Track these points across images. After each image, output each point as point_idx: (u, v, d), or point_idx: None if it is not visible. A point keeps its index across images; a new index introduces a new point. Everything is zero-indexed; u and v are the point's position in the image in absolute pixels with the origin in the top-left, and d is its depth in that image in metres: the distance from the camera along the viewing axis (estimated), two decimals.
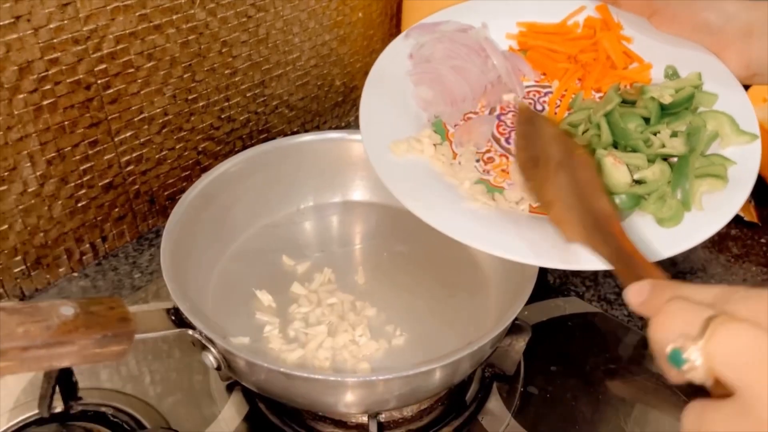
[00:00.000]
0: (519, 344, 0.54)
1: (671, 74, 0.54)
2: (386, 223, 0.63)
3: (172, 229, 0.51)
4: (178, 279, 0.48)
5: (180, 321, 0.45)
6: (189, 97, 0.69)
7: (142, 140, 0.67)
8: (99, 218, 0.67)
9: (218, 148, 0.75)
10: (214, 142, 0.75)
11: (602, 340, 0.63)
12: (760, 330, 0.24)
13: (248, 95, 0.75)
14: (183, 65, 0.67)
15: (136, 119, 0.66)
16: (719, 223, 0.44)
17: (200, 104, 0.71)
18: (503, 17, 0.58)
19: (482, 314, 0.56)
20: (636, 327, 0.64)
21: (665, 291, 0.30)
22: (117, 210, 0.69)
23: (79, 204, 0.65)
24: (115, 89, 0.62)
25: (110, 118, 0.63)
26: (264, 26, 0.73)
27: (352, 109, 0.92)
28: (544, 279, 0.68)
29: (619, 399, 0.57)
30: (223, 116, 0.74)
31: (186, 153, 0.72)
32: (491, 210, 0.46)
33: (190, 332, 0.44)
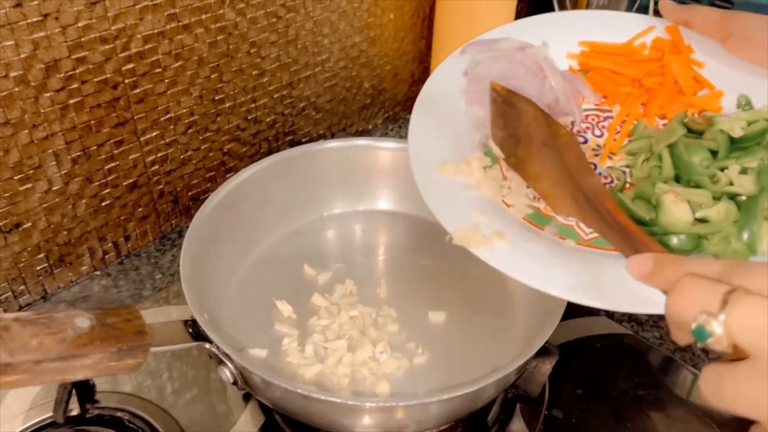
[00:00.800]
0: (545, 367, 0.52)
1: (744, 104, 0.50)
2: (412, 235, 0.62)
3: (194, 236, 0.51)
4: (198, 288, 0.47)
5: (197, 333, 0.44)
6: (216, 98, 0.68)
7: (168, 140, 0.67)
8: (122, 218, 0.67)
9: (244, 150, 0.75)
10: (240, 144, 0.74)
11: (632, 363, 0.61)
12: None
13: (275, 96, 0.74)
14: (211, 65, 0.66)
15: (162, 119, 0.65)
16: None
17: (227, 105, 0.70)
18: (565, 35, 0.55)
19: (507, 334, 0.54)
20: (668, 350, 0.62)
21: (670, 264, 0.32)
22: (141, 210, 0.68)
23: (103, 203, 0.64)
24: (142, 89, 0.62)
25: (136, 118, 0.63)
26: (294, 27, 0.72)
27: (380, 112, 0.90)
28: None
29: (648, 427, 0.55)
30: (250, 117, 0.73)
31: (211, 154, 0.72)
32: (539, 241, 0.44)
33: (207, 346, 0.43)
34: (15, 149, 0.56)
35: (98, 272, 0.67)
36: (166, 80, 0.63)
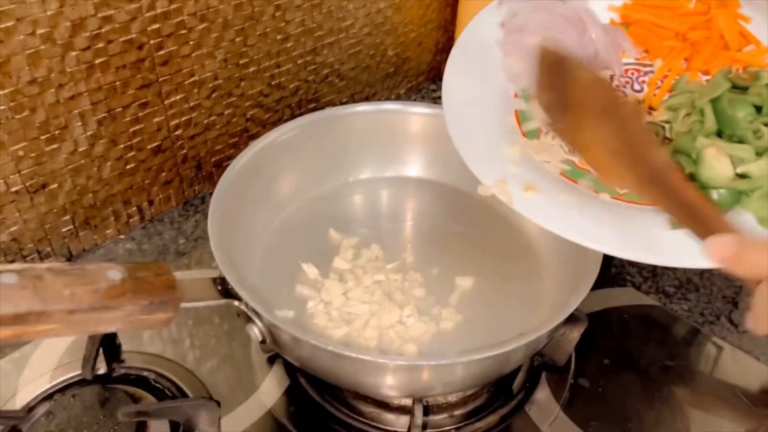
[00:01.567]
0: (573, 335, 0.51)
1: None
2: (440, 202, 0.61)
3: (221, 197, 0.50)
4: (225, 248, 0.47)
5: (226, 291, 0.43)
6: (240, 62, 0.68)
7: (192, 104, 0.66)
8: (147, 182, 0.67)
9: (266, 116, 0.74)
10: (263, 110, 0.73)
11: (659, 335, 0.60)
12: None
13: (299, 62, 0.73)
14: (235, 28, 0.65)
15: (187, 82, 0.64)
16: None
17: (251, 69, 0.69)
18: None
19: (535, 300, 0.53)
20: (696, 323, 0.61)
21: (760, 250, 0.31)
22: (164, 174, 0.68)
23: (128, 166, 0.64)
24: (167, 50, 0.61)
25: (161, 80, 0.62)
26: None
27: (403, 82, 0.89)
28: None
29: (677, 399, 0.54)
30: (273, 83, 0.72)
31: (234, 119, 0.71)
32: (574, 194, 0.43)
33: (236, 304, 0.43)
34: (41, 108, 0.55)
35: (122, 236, 0.68)
36: (191, 42, 0.63)
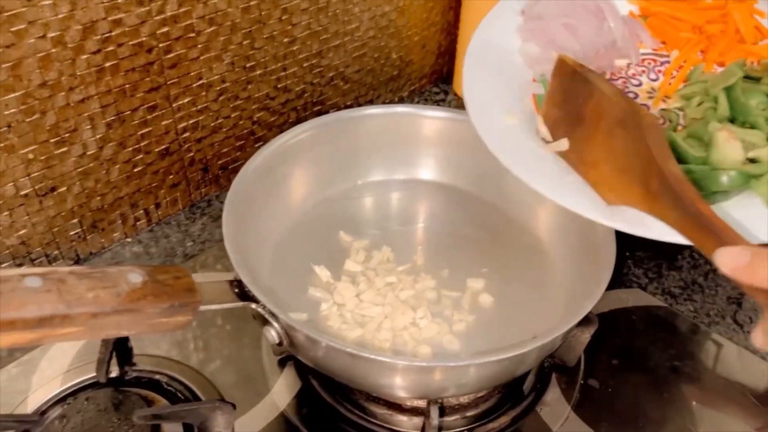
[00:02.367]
0: (584, 336, 0.52)
1: None
2: (451, 204, 0.61)
3: (234, 200, 0.50)
4: (240, 251, 0.47)
5: (243, 294, 0.43)
6: (247, 65, 0.68)
7: (199, 107, 0.66)
8: (154, 184, 0.67)
9: (273, 119, 0.74)
10: (269, 113, 0.73)
11: (666, 336, 0.60)
12: None
13: (305, 65, 0.73)
14: (243, 31, 0.65)
15: (195, 85, 0.64)
16: None
17: (258, 72, 0.69)
18: None
19: (547, 303, 0.54)
20: (702, 323, 0.61)
21: None
22: (171, 177, 0.68)
23: (136, 169, 0.64)
24: (176, 53, 0.61)
25: (169, 83, 0.62)
26: None
27: (406, 84, 0.89)
28: None
29: (685, 398, 0.55)
30: (280, 86, 0.72)
31: (241, 122, 0.71)
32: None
33: (253, 306, 0.43)
34: (51, 111, 0.55)
35: (129, 239, 0.67)
36: (199, 45, 0.63)
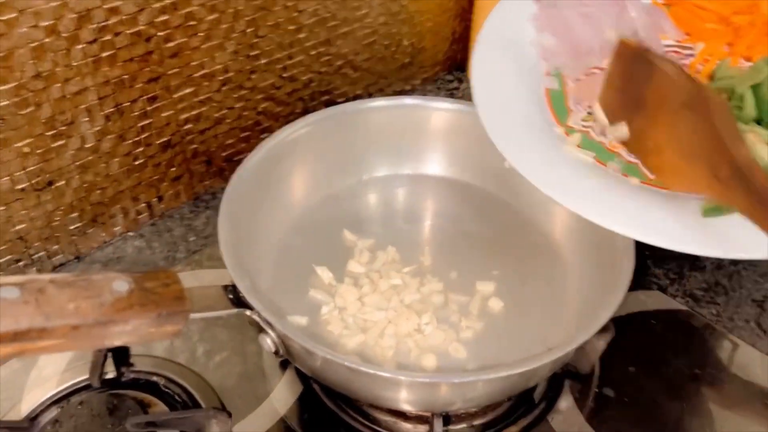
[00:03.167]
0: (599, 344, 0.49)
1: None
2: (460, 202, 0.59)
3: (231, 198, 0.48)
4: (237, 253, 0.45)
5: (238, 300, 0.41)
6: (251, 54, 0.65)
7: (202, 98, 0.64)
8: (155, 177, 0.65)
9: (279, 109, 0.72)
10: (275, 103, 0.71)
11: (687, 341, 0.57)
12: None
13: (312, 54, 0.71)
14: (246, 19, 0.63)
15: (196, 75, 0.62)
16: None
17: (262, 62, 0.67)
18: None
19: (561, 307, 0.51)
20: (725, 328, 0.58)
21: None
22: (174, 170, 0.66)
23: (136, 162, 0.62)
24: (176, 43, 0.59)
25: (170, 73, 0.60)
26: None
27: (419, 72, 0.86)
28: None
29: (706, 408, 0.52)
30: (285, 75, 0.70)
31: (245, 113, 0.69)
32: (602, 177, 0.42)
33: (248, 313, 0.41)
34: (47, 104, 0.53)
35: (131, 233, 0.66)
36: (201, 34, 0.60)
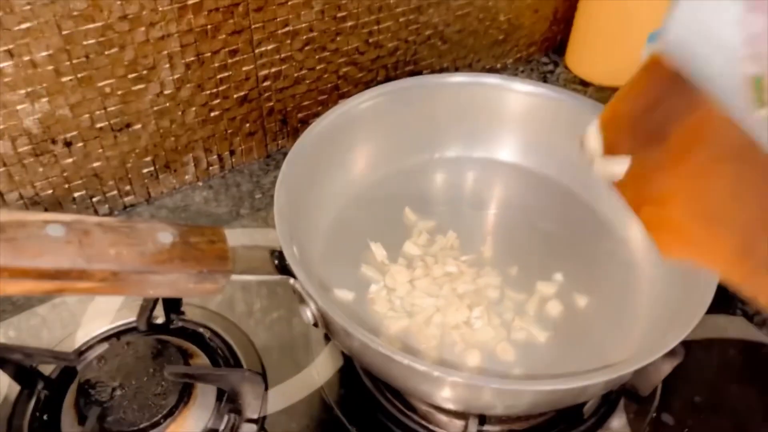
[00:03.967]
0: (664, 367, 0.44)
1: None
2: (532, 193, 0.55)
3: (295, 160, 0.47)
4: (291, 218, 0.43)
5: (283, 267, 0.40)
6: (337, 15, 0.63)
7: (283, 55, 0.63)
8: (230, 131, 0.65)
9: (360, 75, 0.70)
10: (357, 68, 0.69)
11: (766, 378, 0.52)
12: None
13: (401, 20, 0.68)
14: None
15: (280, 32, 0.61)
16: None
17: (348, 24, 0.65)
18: None
19: (627, 322, 0.47)
20: None
21: None
22: (248, 125, 0.66)
23: (212, 113, 0.62)
24: None
25: (253, 27, 0.59)
26: None
27: (512, 51, 0.81)
28: None
29: None
30: (371, 41, 0.67)
31: (326, 75, 0.67)
32: None
33: (291, 282, 0.40)
34: (131, 46, 0.54)
35: (200, 183, 0.67)
36: None
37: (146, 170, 0.62)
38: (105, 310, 0.53)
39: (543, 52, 0.84)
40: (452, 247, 0.51)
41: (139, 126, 0.59)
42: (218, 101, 0.62)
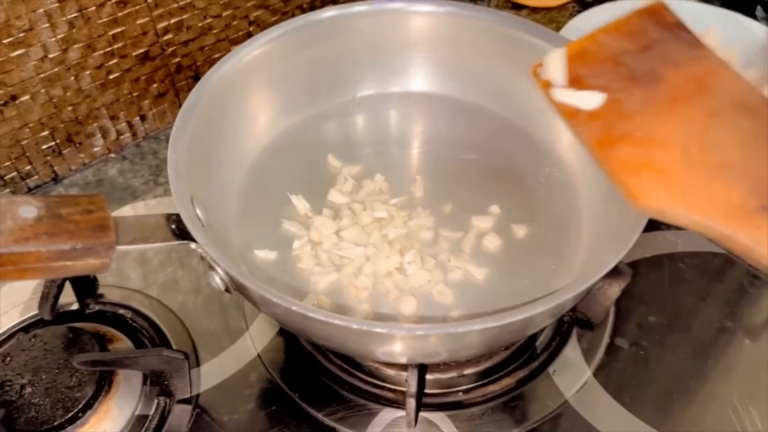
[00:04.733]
0: (612, 290, 0.42)
1: None
2: (459, 123, 0.51)
3: (189, 115, 0.42)
4: (192, 177, 0.39)
5: (182, 230, 0.36)
6: None
7: (182, 4, 0.57)
8: (135, 94, 0.59)
9: (273, 19, 0.64)
10: (269, 11, 0.63)
11: (721, 290, 0.50)
12: None
13: None
14: None
15: None
16: None
17: None
18: None
19: (567, 249, 0.44)
20: (766, 277, 0.50)
21: None
22: (156, 86, 0.60)
23: (111, 76, 0.57)
24: None
25: None
26: None
27: None
28: None
29: (736, 369, 0.45)
30: None
31: (235, 22, 0.62)
32: None
33: (193, 246, 0.36)
34: (0, 8, 0.48)
35: (113, 155, 0.61)
36: None
37: (46, 146, 0.57)
38: (12, 303, 0.49)
39: None
40: (381, 191, 0.47)
41: (28, 97, 0.53)
42: (115, 61, 0.56)
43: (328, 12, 0.48)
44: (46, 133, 0.56)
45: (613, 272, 0.41)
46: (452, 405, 0.43)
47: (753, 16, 0.65)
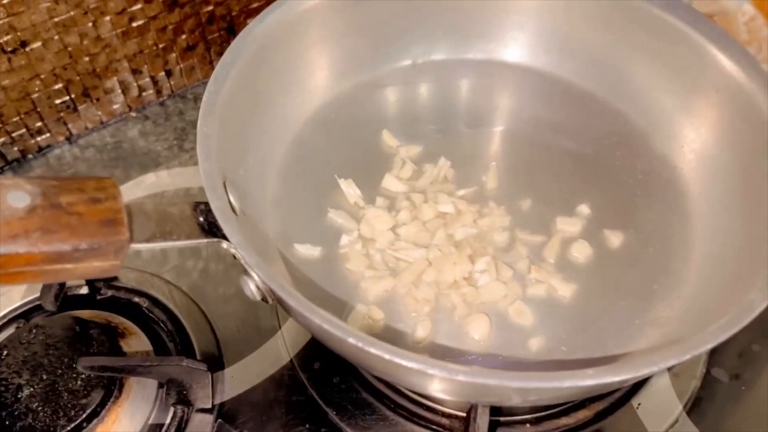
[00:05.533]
0: None
1: None
2: (548, 103, 0.43)
3: (225, 77, 0.34)
4: (224, 156, 0.32)
5: (212, 225, 0.29)
6: None
7: None
8: (161, 46, 0.53)
9: None
10: None
11: None
12: None
13: None
14: None
15: None
16: None
17: None
18: None
19: (672, 264, 0.37)
20: None
21: None
22: (184, 37, 0.53)
23: (134, 23, 0.50)
24: None
25: None
26: None
27: None
28: None
29: None
30: None
31: None
32: None
33: (225, 245, 0.29)
34: None
35: (134, 113, 0.55)
36: None
37: (59, 101, 0.51)
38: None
39: None
40: (445, 179, 0.40)
41: (39, 44, 0.47)
42: (139, 6, 0.50)
43: None
44: (60, 86, 0.50)
45: None
46: None
47: None
